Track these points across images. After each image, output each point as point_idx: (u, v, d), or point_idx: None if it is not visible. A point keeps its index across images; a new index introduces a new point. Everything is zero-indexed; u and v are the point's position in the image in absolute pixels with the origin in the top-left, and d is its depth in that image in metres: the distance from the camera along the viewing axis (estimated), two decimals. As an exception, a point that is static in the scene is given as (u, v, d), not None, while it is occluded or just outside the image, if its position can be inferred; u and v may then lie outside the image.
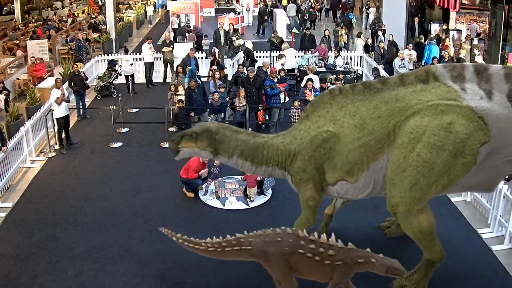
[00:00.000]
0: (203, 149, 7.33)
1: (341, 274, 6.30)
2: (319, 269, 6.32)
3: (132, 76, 17.17)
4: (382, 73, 15.13)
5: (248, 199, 9.82)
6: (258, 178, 9.80)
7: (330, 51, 17.93)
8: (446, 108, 6.40)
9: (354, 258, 6.25)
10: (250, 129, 12.58)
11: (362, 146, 6.74)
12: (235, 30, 20.83)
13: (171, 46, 18.29)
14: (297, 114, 12.27)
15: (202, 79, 14.91)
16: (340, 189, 7.19)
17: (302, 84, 14.26)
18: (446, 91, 6.53)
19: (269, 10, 28.26)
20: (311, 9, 25.10)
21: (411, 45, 17.80)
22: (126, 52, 17.80)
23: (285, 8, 28.38)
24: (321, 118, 7.11)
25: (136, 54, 18.97)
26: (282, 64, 15.62)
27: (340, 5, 29.42)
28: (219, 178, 10.53)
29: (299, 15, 24.97)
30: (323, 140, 6.99)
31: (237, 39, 19.74)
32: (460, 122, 6.31)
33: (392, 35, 19.01)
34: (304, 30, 20.77)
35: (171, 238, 7.18)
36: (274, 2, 25.73)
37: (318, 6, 25.94)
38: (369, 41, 19.77)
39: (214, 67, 15.67)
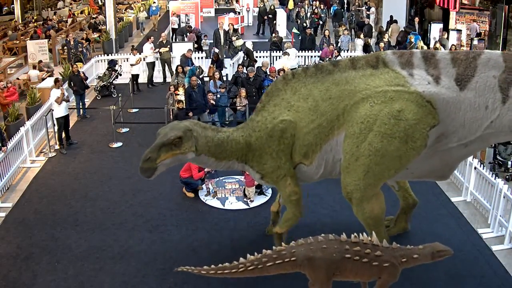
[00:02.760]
0: (187, 152, 6.96)
1: (388, 275, 6.35)
2: (366, 271, 6.33)
3: (137, 76, 17.20)
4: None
5: (248, 199, 9.81)
6: None
7: (335, 52, 17.88)
8: (395, 94, 6.52)
9: (398, 258, 6.31)
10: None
11: (316, 128, 6.91)
12: (235, 30, 20.82)
13: (168, 46, 18.28)
14: None
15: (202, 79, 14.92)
16: (298, 173, 7.31)
17: None
18: (394, 77, 6.66)
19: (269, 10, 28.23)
20: (313, 15, 24.37)
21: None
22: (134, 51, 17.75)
23: (291, 11, 28.35)
24: (276, 107, 7.16)
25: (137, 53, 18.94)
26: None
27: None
28: (218, 178, 10.53)
29: (299, 21, 24.65)
30: (282, 131, 7.04)
31: (237, 39, 19.73)
32: (409, 109, 6.45)
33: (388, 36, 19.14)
34: (306, 30, 20.73)
35: (200, 274, 6.57)
36: (272, 9, 25.08)
37: (317, 16, 24.68)
38: (369, 41, 19.75)
39: (212, 65, 15.71)
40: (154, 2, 29.74)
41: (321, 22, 22.68)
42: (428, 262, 6.32)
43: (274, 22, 25.09)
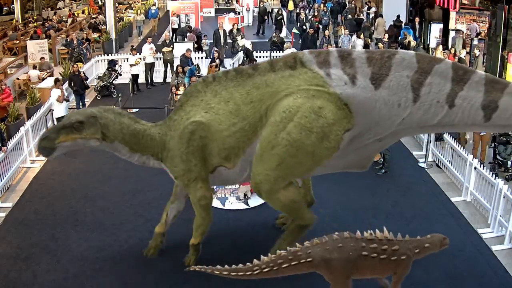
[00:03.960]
0: (89, 138, 6.99)
1: (404, 268, 6.45)
2: (384, 267, 6.40)
3: (137, 76, 17.20)
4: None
5: (246, 198, 9.81)
6: None
7: None
8: (316, 93, 6.60)
9: (412, 250, 6.41)
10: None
11: (238, 131, 6.88)
12: (238, 30, 20.83)
13: (171, 46, 18.29)
14: None
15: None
16: (219, 176, 7.28)
17: None
18: (312, 77, 6.71)
19: (269, 11, 28.20)
20: (313, 18, 24.06)
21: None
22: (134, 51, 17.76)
23: (290, 12, 28.30)
24: (194, 107, 7.12)
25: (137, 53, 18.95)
26: None
27: None
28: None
29: (298, 23, 24.57)
30: (191, 133, 7.00)
31: (241, 38, 19.74)
32: (329, 108, 6.54)
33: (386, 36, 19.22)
34: (308, 29, 20.70)
35: (212, 273, 6.56)
36: (280, 13, 24.68)
37: (318, 18, 24.21)
38: (369, 41, 19.75)
39: (213, 63, 15.71)
40: (154, 5, 29.63)
41: (321, 26, 22.48)
42: (436, 251, 6.49)
43: (280, 18, 24.72)
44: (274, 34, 20.42)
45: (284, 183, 6.84)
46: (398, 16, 22.03)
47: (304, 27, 22.54)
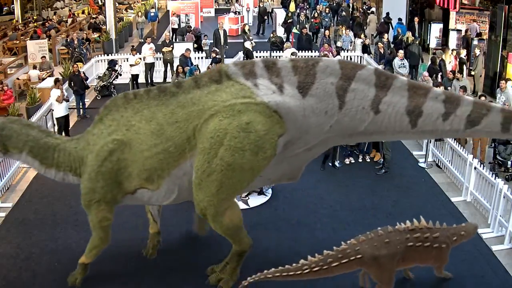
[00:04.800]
0: None
1: (444, 256, 6.73)
2: (427, 255, 6.65)
3: (137, 76, 17.21)
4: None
5: (246, 198, 9.82)
6: None
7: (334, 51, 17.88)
8: (243, 107, 6.43)
9: (450, 237, 6.63)
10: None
11: (161, 152, 6.58)
12: (249, 31, 20.86)
13: (171, 46, 18.29)
14: None
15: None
16: (141, 197, 6.99)
17: None
18: (240, 89, 6.56)
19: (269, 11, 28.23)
20: (312, 20, 23.94)
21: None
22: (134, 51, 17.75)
23: (292, 13, 28.29)
24: (115, 122, 6.82)
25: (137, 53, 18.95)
26: None
27: None
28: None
29: (298, 25, 24.44)
30: (109, 152, 6.68)
31: (248, 38, 19.76)
32: (258, 120, 6.39)
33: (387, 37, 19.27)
34: (301, 29, 20.72)
35: (263, 279, 6.56)
36: (289, 16, 24.40)
37: (318, 20, 23.92)
38: (367, 41, 19.77)
39: (211, 65, 15.73)
40: (153, 7, 29.55)
41: (321, 29, 22.38)
42: (468, 239, 6.85)
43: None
44: (272, 35, 20.42)
45: (228, 203, 6.71)
46: (388, 13, 22.46)
47: (305, 28, 22.39)
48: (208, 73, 6.92)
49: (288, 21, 22.17)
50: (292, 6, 28.75)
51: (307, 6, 29.34)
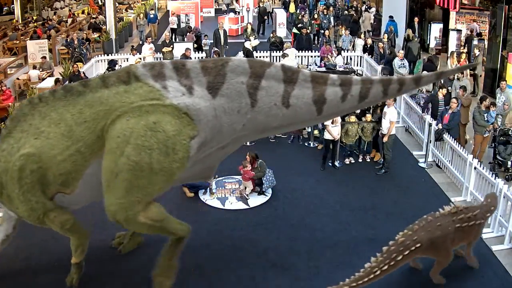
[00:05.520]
0: None
1: (479, 232, 7.37)
2: (471, 233, 7.28)
3: None
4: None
5: (245, 194, 9.82)
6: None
7: (334, 51, 17.88)
8: (151, 108, 6.35)
9: (485, 214, 7.24)
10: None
11: (73, 154, 6.41)
12: (253, 30, 20.85)
13: (171, 46, 18.29)
14: None
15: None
16: (59, 202, 6.78)
17: None
18: (148, 91, 6.47)
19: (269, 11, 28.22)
20: (313, 21, 23.55)
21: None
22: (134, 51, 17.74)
23: (292, 14, 28.28)
24: (24, 133, 6.52)
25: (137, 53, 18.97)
26: None
27: None
28: (218, 178, 10.55)
29: (300, 26, 24.38)
30: (20, 170, 6.36)
31: (254, 38, 19.74)
32: (166, 120, 6.32)
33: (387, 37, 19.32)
34: (301, 29, 20.70)
35: None
36: (299, 18, 24.15)
37: (318, 21, 23.51)
38: (369, 41, 19.76)
39: None
40: (152, 9, 29.48)
41: (322, 31, 22.33)
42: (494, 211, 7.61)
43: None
44: (272, 35, 20.43)
45: (141, 206, 6.47)
46: (378, 11, 23.01)
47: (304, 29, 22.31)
48: (116, 73, 6.75)
49: (299, 25, 22.02)
50: (292, 7, 28.73)
51: (306, 7, 29.32)
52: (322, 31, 22.14)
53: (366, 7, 26.89)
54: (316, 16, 24.13)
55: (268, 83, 6.66)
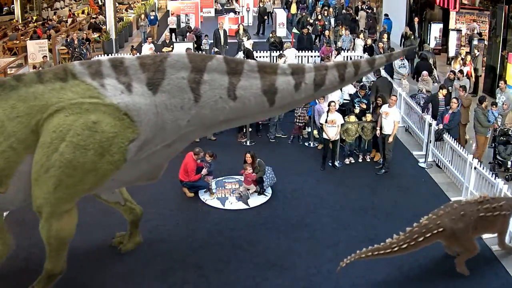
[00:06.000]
0: None
1: (508, 223, 7.47)
2: (497, 222, 7.42)
3: None
4: (382, 73, 15.14)
5: (245, 190, 9.84)
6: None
7: (334, 51, 17.86)
8: (91, 106, 6.20)
9: (510, 206, 7.38)
10: (250, 129, 12.63)
11: (5, 151, 6.22)
12: (245, 31, 20.83)
13: (171, 46, 18.28)
14: (302, 115, 12.36)
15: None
16: None
17: None
18: (86, 89, 6.30)
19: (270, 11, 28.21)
20: (316, 22, 23.32)
21: None
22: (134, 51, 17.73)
23: (293, 15, 28.25)
24: None
25: (137, 53, 18.96)
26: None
27: None
28: (218, 178, 10.55)
29: (299, 26, 24.34)
30: None
31: (247, 39, 19.72)
32: (106, 121, 6.17)
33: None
34: (302, 29, 20.70)
35: (358, 259, 7.10)
36: (308, 21, 24.02)
37: (322, 22, 23.20)
38: (368, 41, 19.76)
39: None
40: (153, 11, 29.44)
41: (325, 31, 22.33)
42: None
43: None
44: (271, 35, 20.43)
45: (68, 204, 6.44)
46: (372, 9, 23.07)
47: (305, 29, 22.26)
48: (53, 70, 6.59)
49: (307, 26, 21.99)
50: (293, 8, 28.71)
51: (306, 7, 29.33)
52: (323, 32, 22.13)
53: (366, 7, 26.90)
54: (320, 17, 24.08)
55: (211, 76, 6.45)
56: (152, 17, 25.74)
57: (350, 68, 6.74)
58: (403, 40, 19.62)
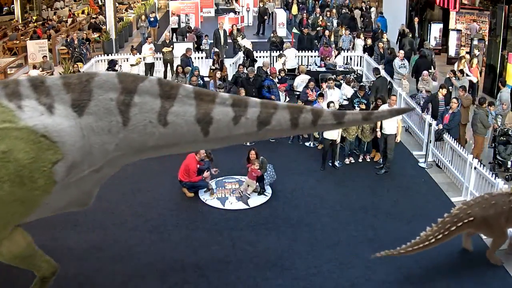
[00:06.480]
0: None
1: None
2: None
3: None
4: (383, 73, 15.14)
5: (246, 193, 9.83)
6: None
7: (334, 51, 17.85)
8: (1, 133, 5.64)
9: None
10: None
11: None
12: (239, 30, 20.83)
13: (171, 46, 18.30)
14: None
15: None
16: None
17: (295, 83, 14.49)
18: (1, 112, 5.74)
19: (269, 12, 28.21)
20: (320, 23, 23.18)
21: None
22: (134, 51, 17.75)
23: (295, 16, 28.24)
24: None
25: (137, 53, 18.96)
26: (283, 64, 15.69)
27: None
28: (218, 178, 10.55)
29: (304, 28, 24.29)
30: None
31: (241, 38, 19.73)
32: (19, 148, 5.64)
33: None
34: (303, 29, 20.70)
35: (397, 255, 7.29)
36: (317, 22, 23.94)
37: (324, 23, 22.80)
38: (368, 41, 19.77)
39: (213, 66, 15.71)
40: (153, 12, 29.40)
41: (327, 32, 22.32)
42: None
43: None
44: (272, 34, 20.43)
45: (3, 233, 6.06)
46: (368, 8, 23.27)
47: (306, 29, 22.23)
48: None
49: (318, 28, 21.95)
50: (294, 9, 28.69)
51: (306, 8, 29.33)
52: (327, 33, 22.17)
53: (365, 6, 26.90)
54: (322, 18, 24.06)
55: (142, 99, 6.03)
56: (152, 19, 25.49)
57: (306, 114, 6.27)
58: (399, 38, 19.61)
